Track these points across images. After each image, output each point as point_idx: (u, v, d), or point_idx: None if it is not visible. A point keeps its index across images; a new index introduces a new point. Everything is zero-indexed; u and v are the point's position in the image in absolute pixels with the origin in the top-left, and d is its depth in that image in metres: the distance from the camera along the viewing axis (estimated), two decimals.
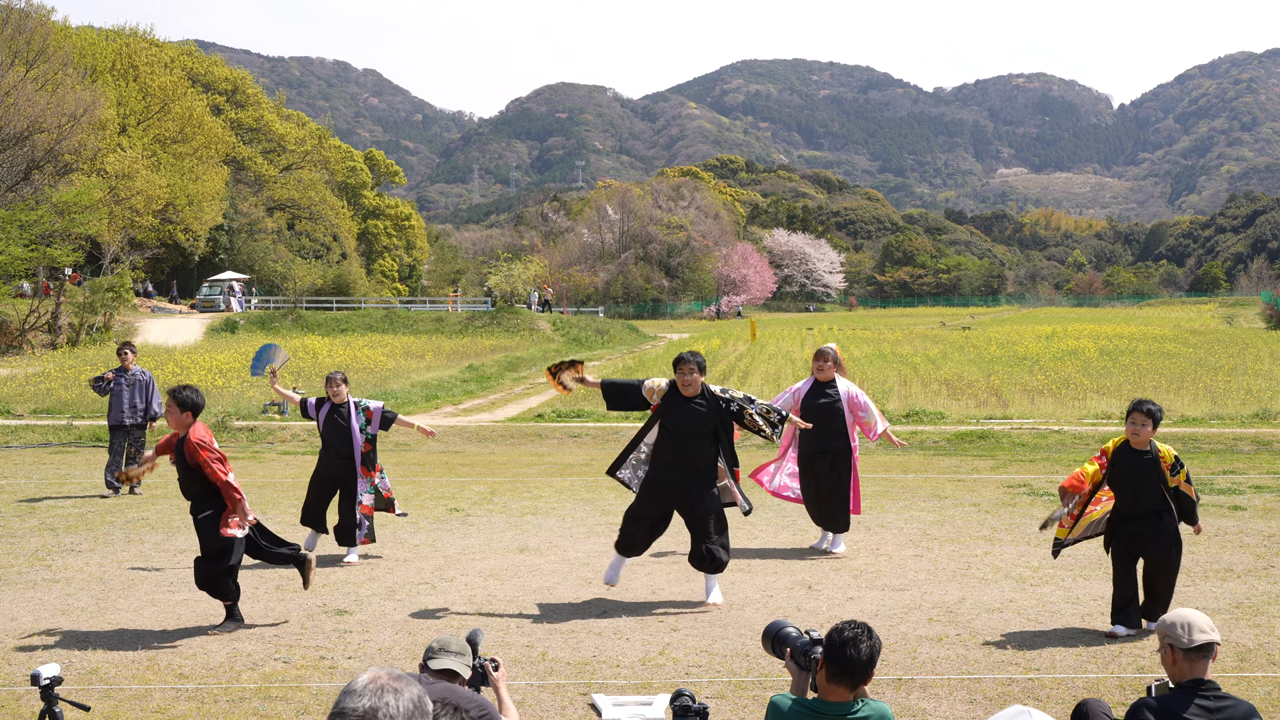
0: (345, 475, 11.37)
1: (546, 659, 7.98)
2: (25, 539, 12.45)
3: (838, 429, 11.54)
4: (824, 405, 11.55)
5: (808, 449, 11.63)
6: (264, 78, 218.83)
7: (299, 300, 67.28)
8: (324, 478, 11.47)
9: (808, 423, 10.81)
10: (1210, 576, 10.31)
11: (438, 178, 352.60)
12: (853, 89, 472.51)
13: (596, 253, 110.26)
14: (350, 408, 11.45)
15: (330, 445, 11.43)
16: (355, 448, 11.37)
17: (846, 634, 4.28)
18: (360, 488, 11.36)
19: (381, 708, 2.76)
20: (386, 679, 2.84)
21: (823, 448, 11.51)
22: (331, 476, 11.43)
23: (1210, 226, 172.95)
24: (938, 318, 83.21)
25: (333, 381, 11.45)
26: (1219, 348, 39.76)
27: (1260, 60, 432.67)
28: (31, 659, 8.05)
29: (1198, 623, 4.70)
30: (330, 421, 11.40)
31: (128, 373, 16.37)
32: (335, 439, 11.38)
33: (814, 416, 11.29)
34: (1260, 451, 19.43)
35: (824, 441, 11.46)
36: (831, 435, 11.48)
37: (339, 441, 11.38)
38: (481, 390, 31.11)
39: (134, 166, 55.03)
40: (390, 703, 2.77)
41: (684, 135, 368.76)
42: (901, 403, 25.91)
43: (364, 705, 2.76)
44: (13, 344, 40.24)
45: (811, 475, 11.65)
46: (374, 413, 11.49)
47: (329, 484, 11.46)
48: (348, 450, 11.37)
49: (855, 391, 11.80)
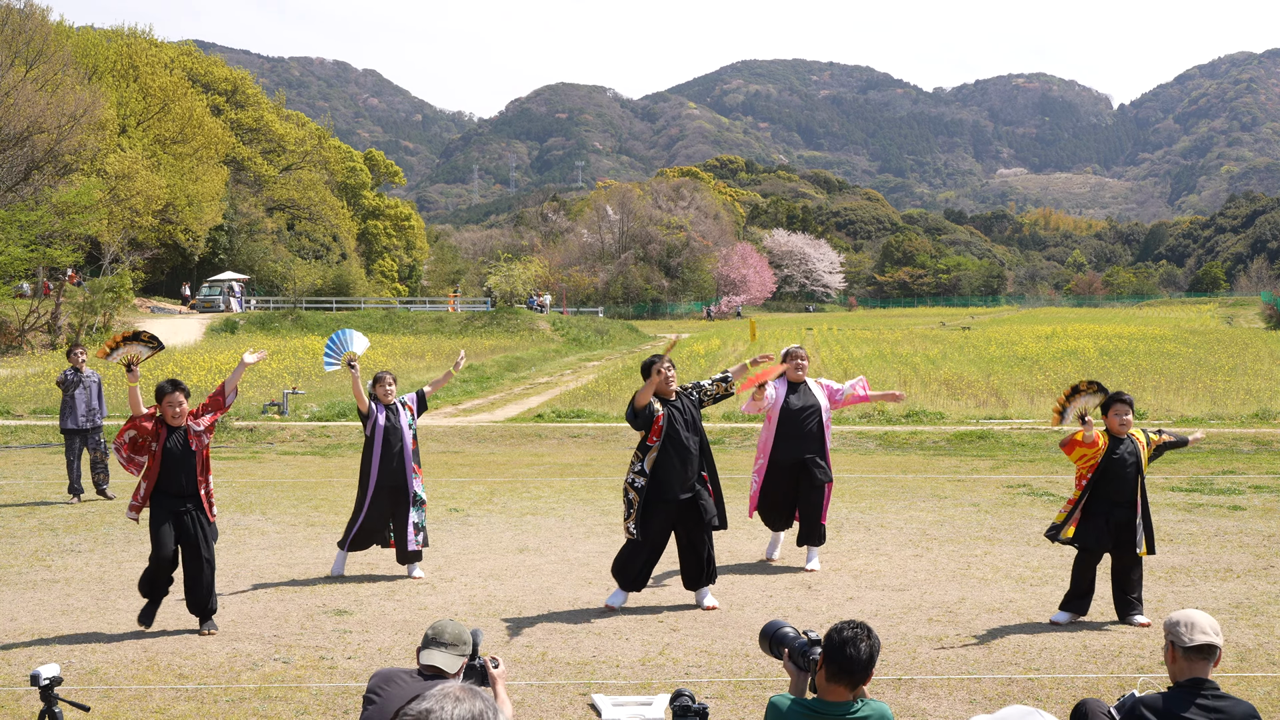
0: (402, 481, 10.66)
1: (546, 659, 7.98)
2: (25, 539, 12.46)
3: (819, 434, 10.86)
4: (805, 410, 10.83)
5: (787, 458, 10.80)
6: (264, 78, 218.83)
7: (299, 300, 67.25)
8: (384, 489, 10.66)
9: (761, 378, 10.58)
10: (1210, 576, 10.31)
11: (437, 178, 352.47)
12: (852, 89, 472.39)
13: (596, 253, 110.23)
14: (399, 407, 10.89)
15: (390, 449, 10.67)
16: (408, 447, 10.76)
17: (845, 634, 4.27)
18: (415, 486, 10.73)
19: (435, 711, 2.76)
20: (457, 689, 2.84)
21: (805, 455, 10.79)
22: (391, 487, 10.65)
23: (1210, 227, 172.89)
24: (937, 318, 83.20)
25: (382, 381, 10.91)
26: (1219, 348, 39.76)
27: (1260, 60, 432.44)
28: (31, 659, 8.05)
29: (1201, 624, 4.72)
30: (388, 424, 10.75)
31: (81, 374, 15.60)
32: (395, 440, 10.70)
33: (794, 422, 10.75)
34: (1260, 451, 19.43)
35: (807, 448, 10.79)
36: (813, 441, 10.82)
37: (399, 443, 10.71)
38: (481, 390, 31.11)
39: (134, 167, 55.00)
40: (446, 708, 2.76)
41: (684, 135, 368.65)
42: (901, 403, 25.91)
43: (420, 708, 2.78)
44: (12, 344, 40.25)
45: (790, 486, 10.88)
46: (412, 404, 11.02)
47: (388, 496, 10.67)
48: (403, 452, 10.71)
49: (825, 384, 11.18)
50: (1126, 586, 8.93)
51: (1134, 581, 8.94)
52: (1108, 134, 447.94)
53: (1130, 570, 8.95)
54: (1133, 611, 8.88)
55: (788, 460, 10.81)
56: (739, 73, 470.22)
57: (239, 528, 13.08)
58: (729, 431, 22.00)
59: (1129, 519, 8.96)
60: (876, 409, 24.04)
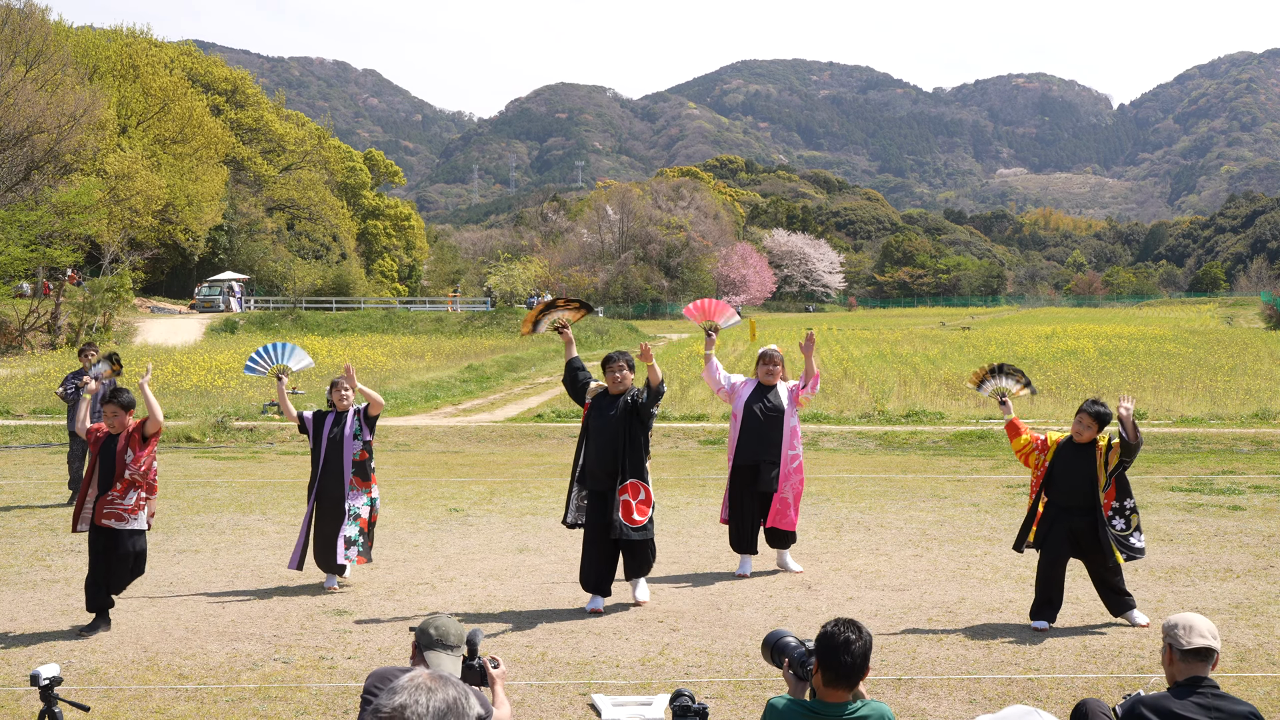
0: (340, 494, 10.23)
1: (546, 659, 7.98)
2: (25, 539, 12.45)
3: (777, 439, 10.60)
4: (769, 412, 10.65)
5: (745, 460, 10.62)
6: (263, 78, 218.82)
7: (298, 300, 67.26)
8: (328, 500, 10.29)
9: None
10: (1210, 576, 10.31)
11: (437, 178, 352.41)
12: (852, 89, 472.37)
13: (596, 253, 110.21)
14: (349, 415, 10.41)
15: (331, 461, 10.29)
16: (347, 457, 10.28)
17: (838, 639, 4.27)
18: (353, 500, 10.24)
19: (411, 705, 2.73)
20: (426, 678, 2.82)
21: (763, 459, 10.58)
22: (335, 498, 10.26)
23: (1210, 227, 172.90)
24: (937, 318, 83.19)
25: (337, 387, 10.45)
26: (1218, 348, 39.76)
27: (1260, 60, 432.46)
28: (31, 659, 8.05)
29: (1199, 627, 4.73)
30: (332, 435, 10.33)
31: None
32: (334, 453, 10.29)
33: (756, 424, 10.60)
34: (1260, 451, 19.43)
35: (764, 452, 10.58)
36: (771, 445, 10.58)
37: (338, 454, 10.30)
38: (481, 390, 31.11)
39: (134, 167, 55.00)
40: (421, 700, 2.74)
41: (683, 135, 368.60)
42: (901, 403, 25.92)
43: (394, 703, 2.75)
44: (12, 344, 40.25)
45: (750, 491, 10.64)
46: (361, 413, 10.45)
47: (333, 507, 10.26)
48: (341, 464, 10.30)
49: (792, 385, 10.89)
50: (1109, 584, 8.83)
51: (1116, 579, 8.82)
52: (1108, 134, 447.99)
53: (1106, 570, 8.81)
54: (1127, 606, 8.79)
55: (746, 463, 10.65)
56: (739, 73, 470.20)
57: (239, 528, 13.07)
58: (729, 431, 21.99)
59: (1088, 525, 8.80)
60: (876, 408, 24.03)
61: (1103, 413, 8.92)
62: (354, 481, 10.30)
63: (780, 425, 10.63)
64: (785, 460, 10.64)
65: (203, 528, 13.03)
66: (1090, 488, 8.83)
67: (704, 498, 14.92)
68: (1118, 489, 8.99)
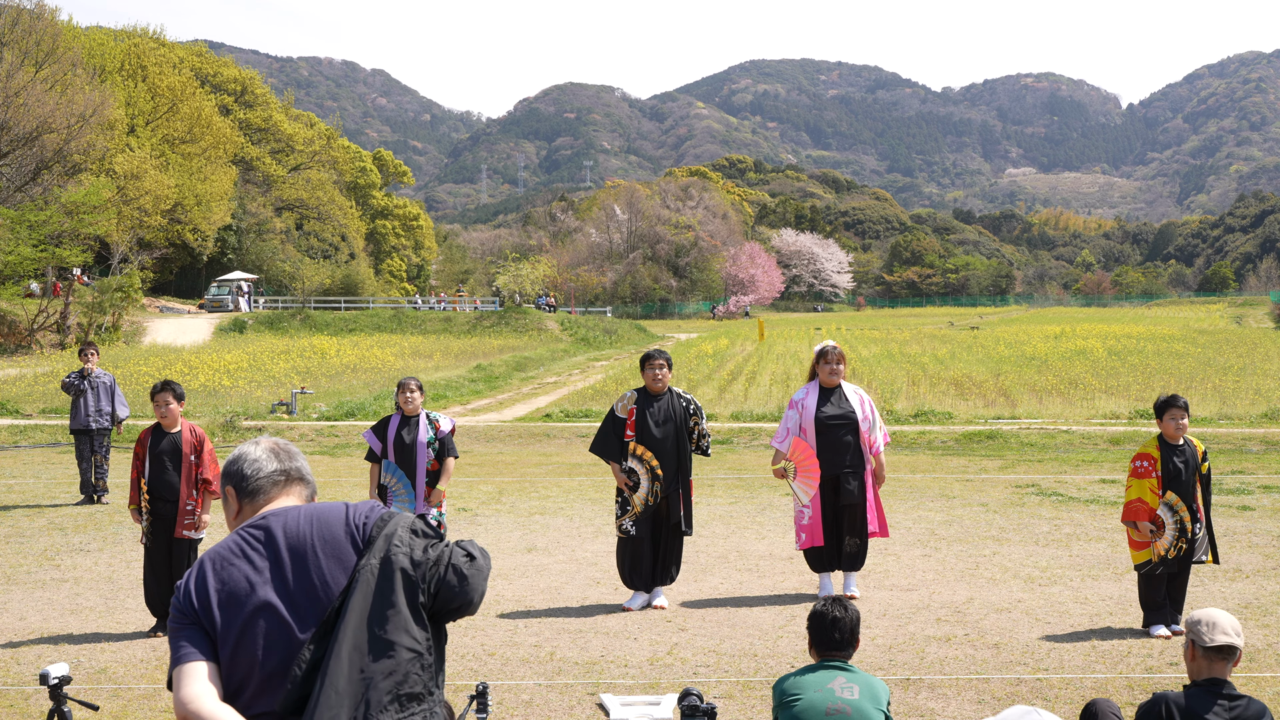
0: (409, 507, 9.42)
1: (554, 658, 7.98)
2: (34, 538, 12.48)
3: (855, 445, 9.58)
4: (841, 418, 9.57)
5: (827, 472, 9.52)
6: (272, 78, 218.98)
7: (307, 300, 67.35)
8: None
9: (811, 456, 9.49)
10: (1219, 576, 10.29)
11: (446, 178, 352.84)
12: (861, 89, 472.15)
13: (604, 253, 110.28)
14: (421, 419, 9.74)
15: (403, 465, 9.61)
16: (420, 465, 9.61)
17: (828, 617, 4.79)
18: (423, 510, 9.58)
19: (246, 453, 3.26)
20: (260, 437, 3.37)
21: (842, 469, 9.52)
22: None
23: (1219, 226, 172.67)
24: (946, 318, 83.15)
25: (405, 388, 9.76)
26: (1228, 348, 39.68)
27: (1269, 60, 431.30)
28: (40, 658, 8.06)
29: (1222, 624, 4.74)
30: (398, 440, 9.64)
31: (90, 375, 15.41)
32: (403, 457, 9.60)
33: (831, 434, 9.53)
34: (1269, 451, 19.38)
35: (845, 460, 9.53)
36: (852, 453, 9.56)
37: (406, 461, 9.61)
38: (489, 390, 31.12)
39: (142, 167, 55.12)
40: (249, 450, 3.26)
41: (692, 135, 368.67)
42: (910, 403, 25.89)
43: (230, 458, 3.28)
44: (21, 344, 40.33)
45: (833, 505, 9.55)
46: (442, 429, 9.77)
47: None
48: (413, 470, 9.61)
49: (864, 396, 9.89)
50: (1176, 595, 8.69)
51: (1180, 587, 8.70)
52: (1116, 133, 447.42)
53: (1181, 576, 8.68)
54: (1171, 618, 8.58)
55: (828, 475, 9.55)
56: (747, 72, 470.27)
57: None
58: (737, 431, 22.00)
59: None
60: (885, 408, 24.01)
61: (1187, 403, 8.84)
62: (427, 492, 9.67)
63: (854, 430, 9.57)
64: (866, 469, 9.65)
65: (214, 527, 13.04)
66: (1195, 485, 8.70)
67: (712, 498, 14.91)
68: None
